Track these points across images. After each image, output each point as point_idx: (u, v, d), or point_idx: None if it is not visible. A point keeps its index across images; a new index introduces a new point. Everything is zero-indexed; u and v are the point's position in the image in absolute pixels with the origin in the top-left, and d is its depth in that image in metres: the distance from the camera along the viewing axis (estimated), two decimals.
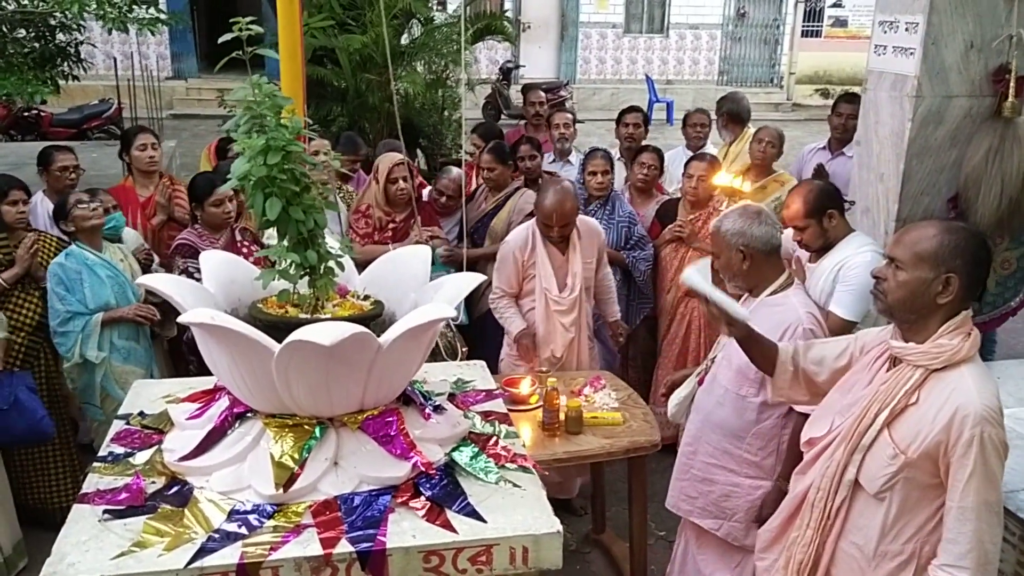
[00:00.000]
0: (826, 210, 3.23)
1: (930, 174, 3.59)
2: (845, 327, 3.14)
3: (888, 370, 2.10)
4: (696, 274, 2.49)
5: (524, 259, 3.96)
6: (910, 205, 3.61)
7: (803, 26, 19.25)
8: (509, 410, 2.52)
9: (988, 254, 2.07)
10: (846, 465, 2.07)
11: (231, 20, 2.01)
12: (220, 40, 1.97)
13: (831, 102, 5.98)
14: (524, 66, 17.47)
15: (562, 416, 3.28)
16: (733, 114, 5.64)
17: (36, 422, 3.60)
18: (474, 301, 4.49)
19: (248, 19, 1.99)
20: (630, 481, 3.54)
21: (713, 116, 5.86)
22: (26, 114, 11.24)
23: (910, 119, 3.50)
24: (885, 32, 3.65)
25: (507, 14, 14.71)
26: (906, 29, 3.50)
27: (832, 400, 2.28)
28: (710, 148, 5.69)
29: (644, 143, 5.35)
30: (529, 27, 18.27)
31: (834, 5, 19.23)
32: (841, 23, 19.22)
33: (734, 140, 5.70)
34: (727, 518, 3.01)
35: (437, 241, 4.43)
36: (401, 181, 4.34)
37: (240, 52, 2.00)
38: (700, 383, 3.17)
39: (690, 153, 5.40)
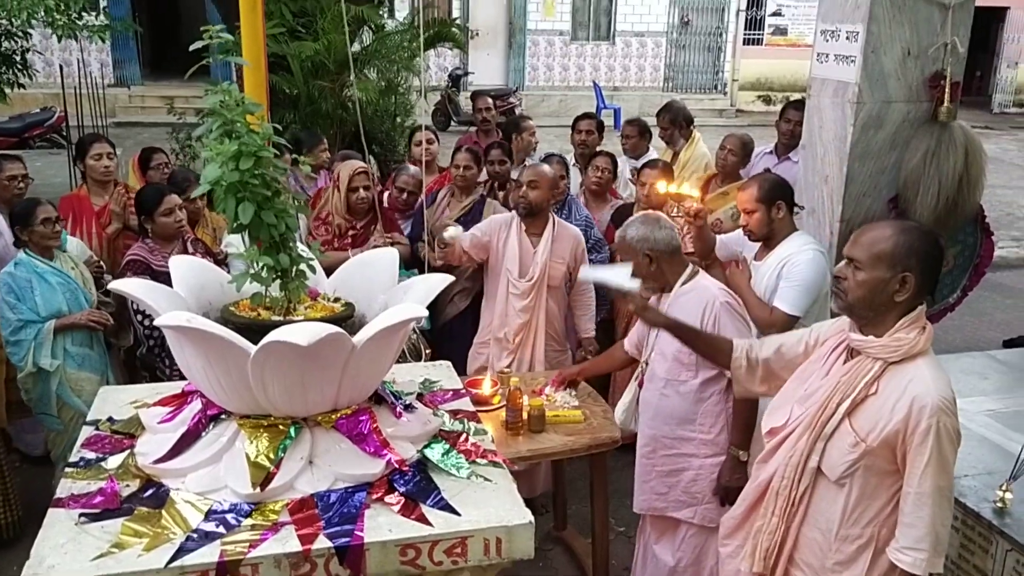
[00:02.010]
0: (776, 200, 3.38)
1: (872, 176, 3.74)
2: (789, 322, 3.28)
3: (845, 362, 2.21)
4: (592, 271, 2.70)
5: (497, 238, 4.15)
6: (853, 206, 3.76)
7: (745, 34, 19.68)
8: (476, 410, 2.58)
9: (941, 252, 2.19)
10: (809, 453, 2.18)
11: (203, 29, 2.03)
12: (192, 47, 2.00)
13: (773, 108, 6.18)
14: (473, 73, 17.56)
15: (525, 415, 3.35)
16: (676, 121, 5.77)
17: None
18: (439, 307, 4.55)
19: (219, 27, 2.02)
20: (592, 477, 3.62)
21: (653, 125, 5.98)
22: None
23: (852, 124, 3.65)
24: (827, 41, 3.80)
25: (456, 20, 14.79)
26: (847, 38, 3.65)
27: (789, 389, 2.38)
28: (653, 154, 5.79)
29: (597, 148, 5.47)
30: (477, 34, 18.35)
31: (774, 14, 19.71)
32: (781, 31, 19.71)
33: (684, 145, 5.83)
34: (699, 503, 3.13)
35: (400, 247, 4.47)
36: (362, 189, 4.37)
37: (210, 60, 2.03)
38: (640, 385, 3.29)
39: (634, 162, 5.54)
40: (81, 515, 1.89)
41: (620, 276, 2.95)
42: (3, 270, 3.79)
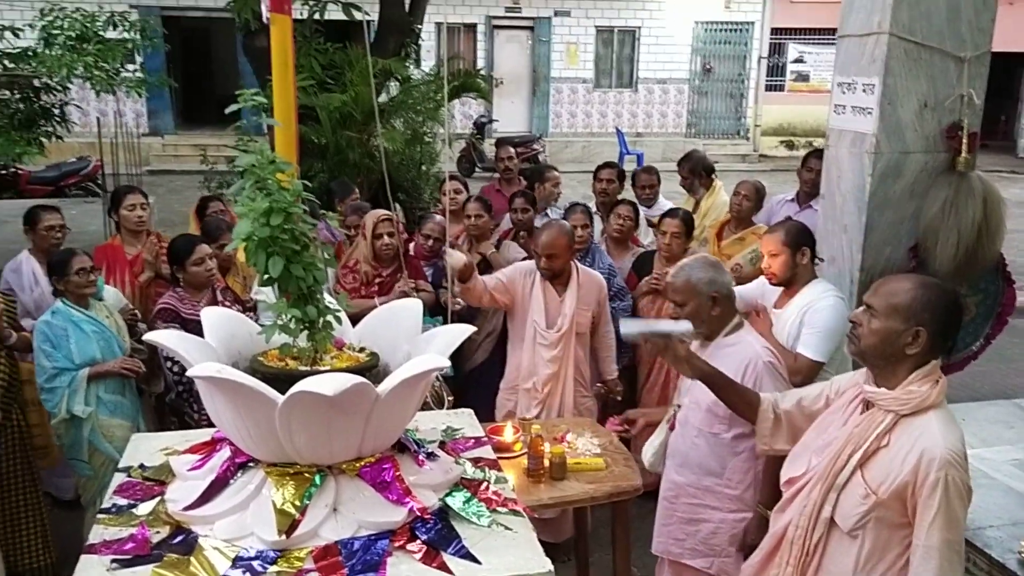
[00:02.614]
0: (801, 246, 3.44)
1: (891, 225, 3.78)
2: (813, 368, 3.30)
3: (862, 412, 2.23)
4: (633, 324, 2.70)
5: (522, 285, 4.20)
6: (873, 255, 3.79)
7: (767, 80, 19.87)
8: (498, 458, 2.61)
9: (959, 311, 2.21)
10: (822, 503, 2.19)
11: (236, 92, 2.13)
12: (228, 111, 2.10)
13: (796, 153, 6.23)
14: (497, 120, 17.83)
15: (546, 462, 3.37)
16: (696, 171, 5.85)
17: None
18: (466, 354, 4.62)
19: (252, 91, 2.12)
20: (613, 526, 3.62)
21: (671, 171, 6.05)
22: (3, 172, 11.28)
23: (870, 174, 3.70)
24: (844, 93, 3.87)
25: (481, 71, 15.06)
26: (863, 90, 3.72)
27: (808, 439, 2.40)
28: (664, 203, 5.81)
29: (619, 197, 5.56)
30: (502, 83, 18.68)
31: (796, 61, 19.89)
32: (803, 78, 19.86)
33: (705, 194, 5.89)
34: (717, 555, 3.12)
35: (424, 295, 4.56)
36: (386, 236, 4.48)
37: (244, 122, 2.13)
38: (671, 428, 3.30)
39: (646, 210, 5.60)
40: (113, 561, 1.94)
41: (663, 324, 2.93)
42: (40, 318, 3.91)
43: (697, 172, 5.85)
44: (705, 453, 3.09)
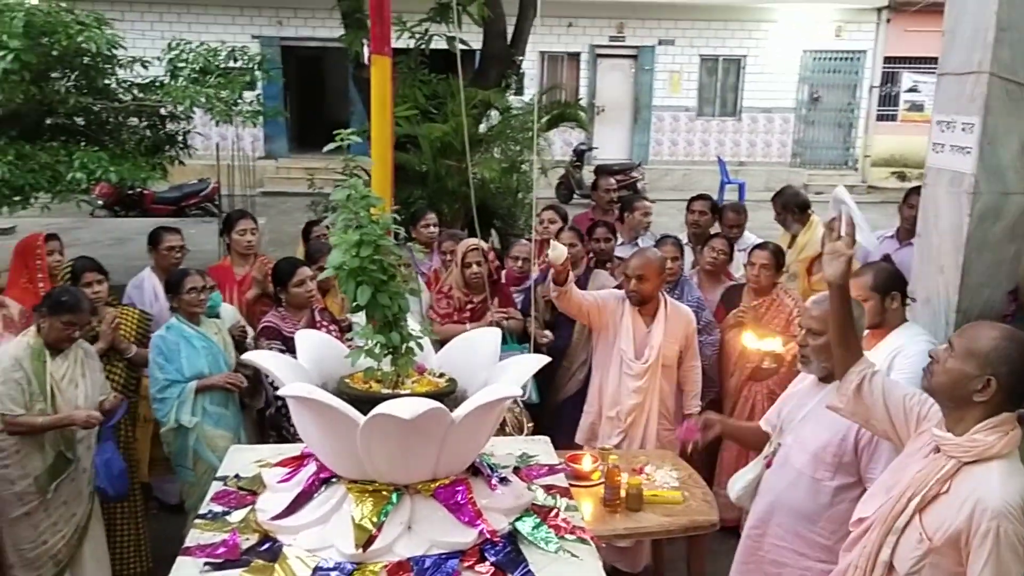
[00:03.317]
0: (891, 291, 3.37)
1: (989, 267, 3.66)
2: None
3: (926, 456, 2.21)
4: (847, 196, 2.59)
5: (613, 311, 4.24)
6: (970, 297, 3.68)
7: (878, 110, 19.29)
8: (572, 485, 2.68)
9: None
10: (880, 546, 2.18)
11: (334, 132, 2.30)
12: (325, 150, 2.26)
13: (908, 185, 6.03)
14: (597, 148, 17.92)
15: (623, 493, 3.41)
16: (788, 207, 5.75)
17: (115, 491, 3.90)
18: (559, 382, 4.72)
19: (349, 131, 2.28)
20: (688, 560, 3.62)
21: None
22: (130, 192, 12.08)
23: (968, 214, 3.60)
24: (943, 131, 3.78)
25: (582, 100, 15.18)
26: (963, 129, 3.63)
27: (884, 479, 2.38)
28: (751, 239, 5.71)
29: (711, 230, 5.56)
30: (603, 110, 18.79)
31: (910, 90, 19.26)
32: (917, 107, 19.17)
33: (801, 230, 5.79)
34: None
35: (513, 322, 4.68)
36: (475, 265, 4.62)
37: (346, 159, 2.29)
38: (767, 465, 3.23)
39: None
40: (205, 563, 2.10)
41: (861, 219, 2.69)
42: (155, 333, 4.21)
43: (790, 208, 5.76)
44: (803, 497, 2.99)
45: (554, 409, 4.77)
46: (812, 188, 16.44)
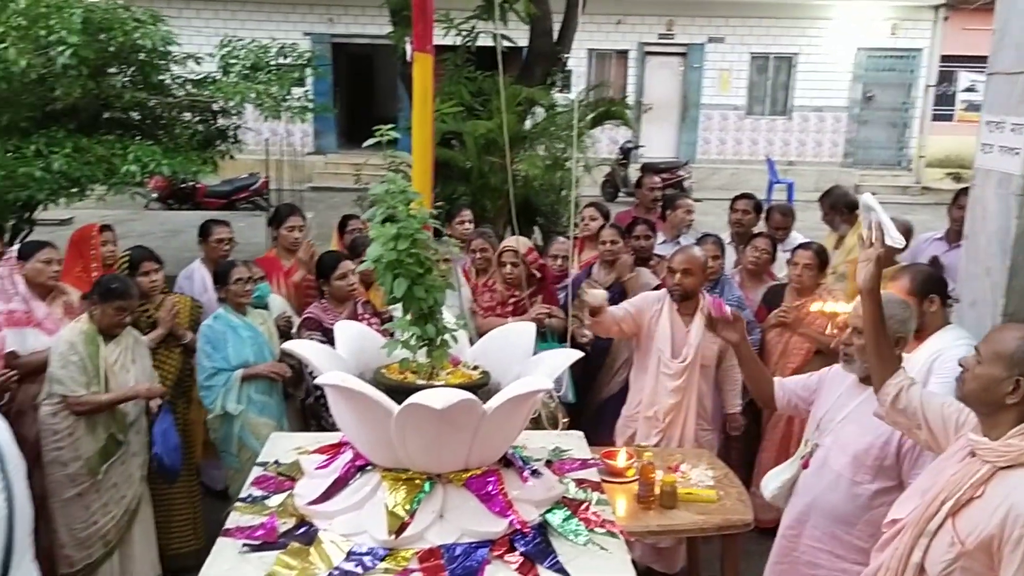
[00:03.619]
0: (929, 294, 3.32)
1: None
2: None
3: (961, 460, 2.19)
4: (875, 202, 2.58)
5: (650, 315, 4.23)
6: (1017, 300, 3.61)
7: (934, 110, 18.87)
8: (607, 481, 2.69)
9: None
10: (912, 548, 2.16)
11: (374, 128, 2.35)
12: (365, 144, 2.31)
13: (963, 186, 5.88)
14: (644, 146, 17.82)
15: (657, 490, 3.42)
16: (837, 207, 5.67)
17: (170, 462, 4.01)
18: (601, 381, 4.76)
19: (388, 127, 2.32)
20: (722, 560, 3.61)
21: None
22: (183, 185, 12.36)
23: (1016, 216, 3.53)
24: (992, 132, 3.72)
25: (628, 98, 15.08)
26: (1012, 130, 3.57)
27: (920, 482, 2.36)
28: (798, 239, 5.65)
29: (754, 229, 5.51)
30: (651, 108, 18.69)
31: (967, 90, 18.81)
32: (975, 107, 18.69)
33: (849, 230, 5.71)
34: None
35: (556, 321, 4.70)
36: (509, 265, 4.67)
37: (389, 154, 2.33)
38: (804, 466, 3.21)
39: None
40: (244, 544, 2.17)
41: (889, 222, 2.61)
42: (204, 322, 4.33)
43: (838, 208, 5.69)
44: (841, 500, 2.98)
45: (595, 409, 4.80)
46: (863, 188, 16.16)
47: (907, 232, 5.00)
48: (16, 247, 4.25)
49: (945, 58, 18.53)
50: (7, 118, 5.44)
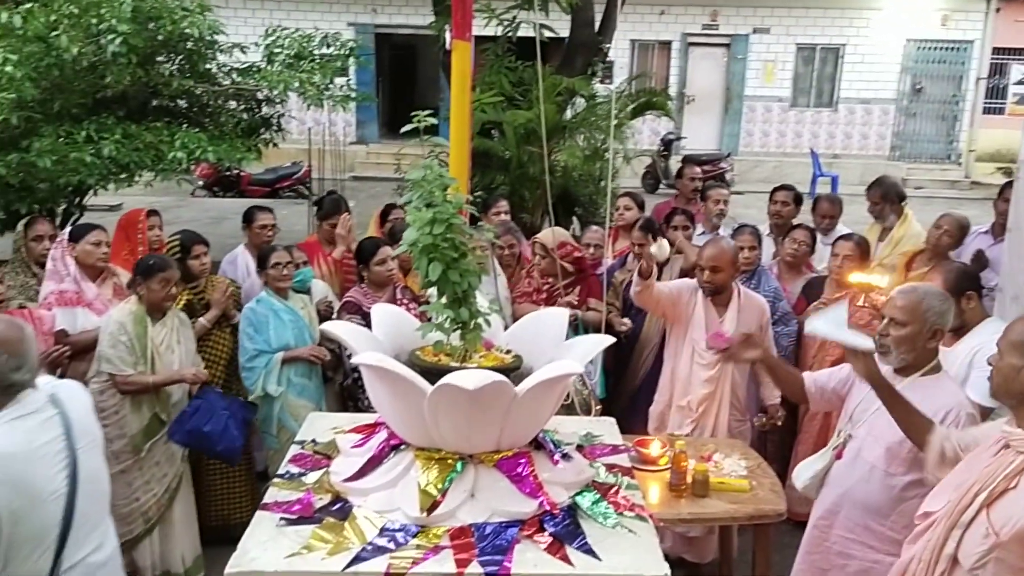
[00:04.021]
0: (965, 291, 3.28)
1: None
2: (982, 412, 3.14)
3: (995, 453, 2.17)
4: (821, 324, 2.65)
5: (687, 301, 4.25)
6: None
7: (985, 102, 18.44)
8: (638, 469, 2.71)
9: None
10: (946, 540, 2.15)
11: (411, 114, 2.39)
12: (401, 131, 2.35)
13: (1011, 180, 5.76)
14: (685, 137, 17.68)
15: (689, 479, 3.43)
16: (888, 197, 5.59)
17: (233, 446, 4.10)
18: (634, 367, 4.78)
19: (426, 112, 2.36)
20: (754, 549, 3.61)
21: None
22: (227, 173, 12.57)
23: None
24: None
25: (671, 89, 14.97)
26: None
27: (954, 475, 2.35)
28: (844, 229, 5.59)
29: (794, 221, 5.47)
30: (693, 100, 18.53)
31: (1020, 83, 18.34)
32: None
33: (897, 222, 5.61)
34: None
35: (592, 314, 4.72)
36: (538, 257, 4.76)
37: (427, 141, 2.38)
38: (837, 457, 3.19)
39: (821, 236, 5.41)
40: (281, 519, 2.24)
41: (852, 336, 2.85)
42: (247, 305, 4.42)
43: (889, 198, 5.59)
44: (874, 491, 2.97)
45: (627, 399, 4.80)
46: (911, 183, 15.88)
47: (963, 227, 4.93)
48: (67, 230, 4.37)
49: (997, 50, 18.09)
50: (59, 104, 5.57)
